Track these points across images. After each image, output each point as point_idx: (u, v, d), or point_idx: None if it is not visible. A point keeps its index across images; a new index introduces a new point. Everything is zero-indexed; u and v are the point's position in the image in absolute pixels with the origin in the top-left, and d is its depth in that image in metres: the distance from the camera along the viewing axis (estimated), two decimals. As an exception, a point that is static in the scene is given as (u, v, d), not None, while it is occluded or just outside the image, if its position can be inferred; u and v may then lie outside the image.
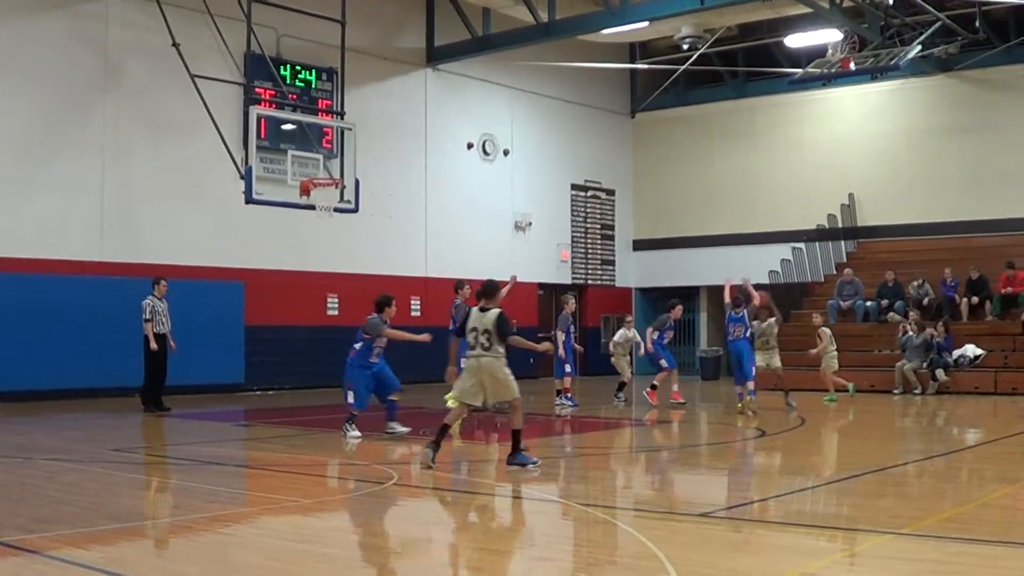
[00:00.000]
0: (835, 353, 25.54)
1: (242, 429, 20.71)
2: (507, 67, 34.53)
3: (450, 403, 15.19)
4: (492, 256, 33.83)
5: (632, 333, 25.65)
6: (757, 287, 23.86)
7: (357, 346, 17.48)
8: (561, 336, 23.88)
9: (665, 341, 24.38)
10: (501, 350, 13.59)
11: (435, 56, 32.97)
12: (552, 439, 18.95)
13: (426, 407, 22.20)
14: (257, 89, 26.05)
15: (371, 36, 30.92)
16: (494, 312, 13.65)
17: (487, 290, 14.09)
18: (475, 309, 13.92)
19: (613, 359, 25.49)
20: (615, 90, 39.65)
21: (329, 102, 28.94)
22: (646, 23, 30.92)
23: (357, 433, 16.96)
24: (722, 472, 14.75)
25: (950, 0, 30.59)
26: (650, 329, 24.43)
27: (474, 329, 13.68)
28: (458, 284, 22.83)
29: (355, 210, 23.89)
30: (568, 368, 23.88)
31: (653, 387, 24.09)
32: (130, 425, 20.27)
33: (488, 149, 34.70)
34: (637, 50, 38.78)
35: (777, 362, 22.67)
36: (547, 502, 12.02)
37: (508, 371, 13.63)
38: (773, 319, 22.80)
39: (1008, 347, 27.03)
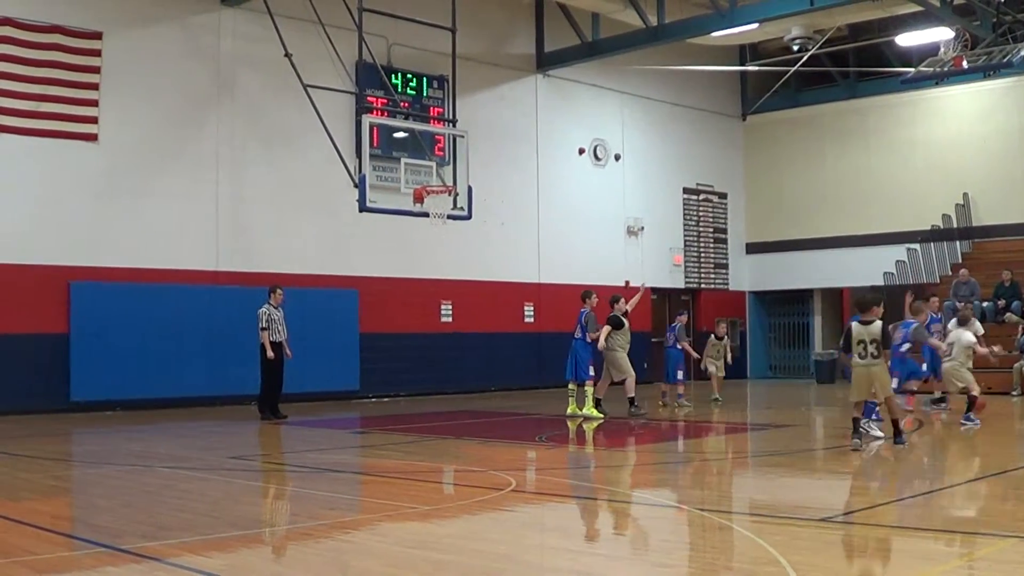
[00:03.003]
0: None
1: (358, 436, 20.84)
2: (617, 72, 34.46)
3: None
4: (605, 261, 33.85)
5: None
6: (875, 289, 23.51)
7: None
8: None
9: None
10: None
11: (545, 62, 33.01)
12: (668, 443, 18.89)
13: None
14: (369, 98, 26.21)
15: (481, 43, 31.04)
16: (878, 324, 15.45)
17: (861, 304, 15.76)
18: (856, 323, 15.66)
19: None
20: (725, 93, 39.45)
21: (440, 109, 29.07)
22: (756, 25, 30.74)
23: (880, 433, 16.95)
24: (841, 476, 14.59)
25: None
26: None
27: (861, 341, 15.41)
28: (585, 294, 23.04)
29: (468, 217, 23.95)
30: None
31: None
32: (247, 433, 20.47)
33: (599, 154, 34.68)
34: (747, 52, 38.55)
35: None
36: (664, 507, 11.96)
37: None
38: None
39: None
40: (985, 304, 30.82)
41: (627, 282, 34.10)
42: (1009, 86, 34.74)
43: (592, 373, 22.43)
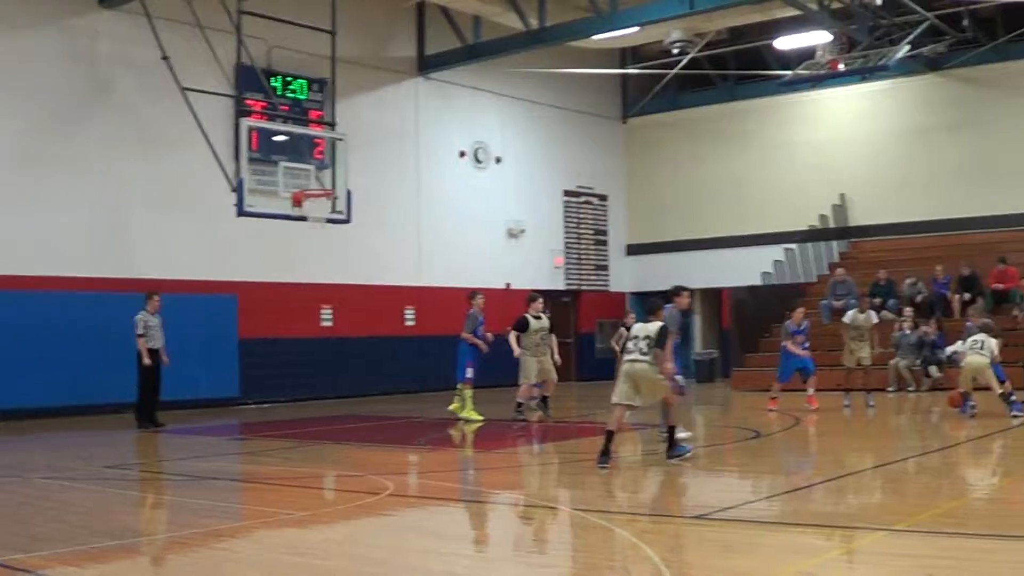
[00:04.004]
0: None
1: (237, 443, 20.65)
2: (498, 74, 34.49)
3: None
4: (486, 264, 33.87)
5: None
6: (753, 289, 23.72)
7: None
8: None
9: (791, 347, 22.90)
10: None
11: (426, 65, 32.96)
12: (548, 445, 18.94)
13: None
14: (248, 101, 25.99)
15: (362, 46, 30.88)
16: (657, 324, 14.46)
17: (651, 308, 14.97)
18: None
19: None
20: (606, 96, 39.67)
21: (321, 113, 28.87)
22: (636, 28, 30.92)
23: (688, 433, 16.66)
24: (717, 474, 14.74)
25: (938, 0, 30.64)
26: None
27: (635, 337, 14.44)
28: (472, 294, 22.70)
29: (347, 220, 23.85)
30: None
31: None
32: (124, 442, 20.24)
33: (480, 157, 34.69)
34: (628, 55, 38.77)
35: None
36: (543, 508, 12.01)
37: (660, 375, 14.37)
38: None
39: (1000, 343, 27.01)
40: (861, 303, 31.27)
41: (508, 284, 34.19)
42: (885, 88, 35.32)
43: (470, 375, 22.17)
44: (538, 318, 21.88)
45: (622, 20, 30.00)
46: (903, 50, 29.39)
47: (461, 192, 33.99)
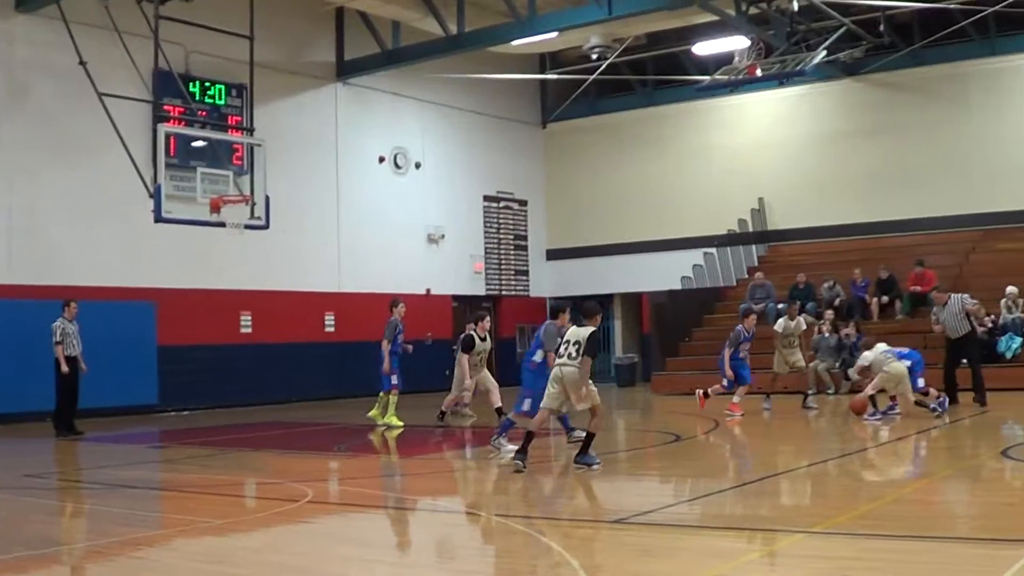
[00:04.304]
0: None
1: (156, 451, 20.55)
2: (417, 80, 34.49)
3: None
4: (406, 269, 33.87)
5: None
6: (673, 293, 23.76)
7: (537, 357, 16.67)
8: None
9: (741, 355, 22.85)
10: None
11: (345, 70, 32.90)
12: (469, 450, 18.97)
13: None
14: (166, 106, 25.90)
15: (280, 51, 30.76)
16: (588, 329, 14.34)
17: (587, 311, 14.81)
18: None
19: None
20: (526, 101, 39.77)
21: (239, 118, 28.73)
22: (555, 34, 31.06)
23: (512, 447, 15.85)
24: (637, 478, 14.83)
25: (855, 5, 30.93)
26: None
27: (567, 341, 14.39)
28: (393, 302, 22.42)
29: (266, 226, 23.76)
30: None
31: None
32: (42, 450, 20.05)
33: (399, 162, 34.65)
34: (547, 60, 38.86)
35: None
36: (463, 514, 12.04)
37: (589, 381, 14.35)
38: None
39: (918, 345, 27.21)
40: (780, 306, 31.47)
41: (428, 290, 34.21)
42: (803, 93, 35.69)
43: (394, 382, 22.07)
44: (483, 339, 21.59)
45: (541, 25, 30.12)
46: (820, 55, 29.65)
47: (381, 198, 33.92)
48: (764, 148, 36.44)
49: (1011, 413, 21.52)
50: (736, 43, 30.98)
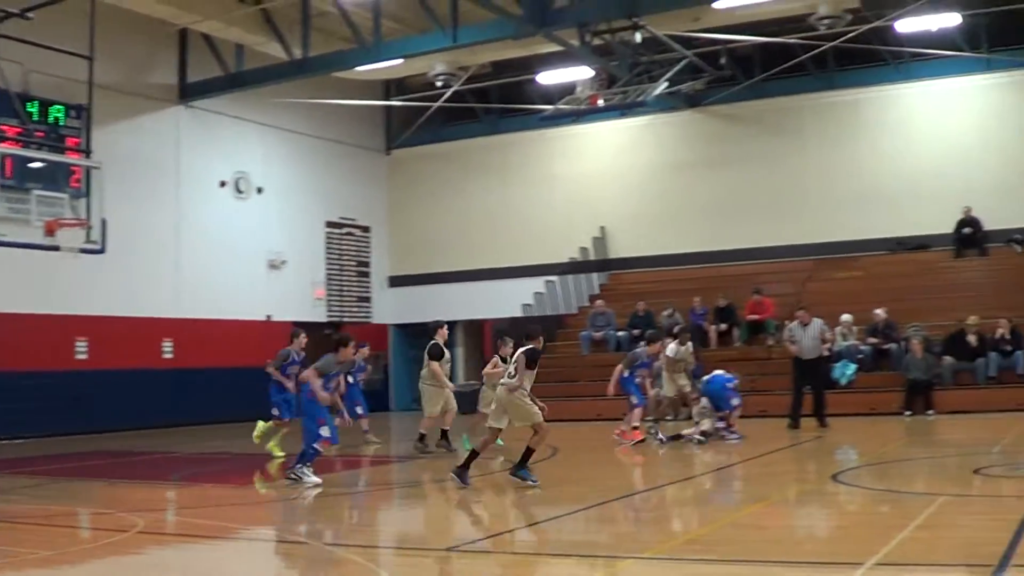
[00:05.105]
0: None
1: (-15, 479, 20.07)
2: (261, 104, 34.25)
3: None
4: (246, 295, 33.59)
5: None
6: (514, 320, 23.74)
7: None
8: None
9: (637, 379, 22.36)
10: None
11: (187, 93, 32.54)
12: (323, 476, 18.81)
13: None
14: (2, 126, 25.37)
15: (121, 72, 30.31)
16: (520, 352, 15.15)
17: (528, 333, 15.68)
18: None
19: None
20: (370, 127, 39.72)
21: (78, 140, 28.22)
22: (400, 60, 31.09)
23: (317, 479, 15.93)
24: (474, 504, 14.81)
25: (697, 38, 31.41)
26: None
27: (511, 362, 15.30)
28: (294, 332, 21.72)
29: (102, 251, 23.38)
30: None
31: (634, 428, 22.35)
32: None
33: (241, 187, 34.35)
34: (392, 87, 38.85)
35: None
36: (296, 544, 11.92)
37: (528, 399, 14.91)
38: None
39: (755, 372, 27.74)
40: (620, 334, 31.87)
41: (269, 317, 33.93)
42: (645, 124, 36.19)
43: (275, 413, 21.33)
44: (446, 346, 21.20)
45: (386, 52, 30.11)
46: (662, 87, 30.04)
47: (221, 222, 33.59)
48: (607, 177, 36.85)
49: (846, 438, 22.01)
50: (580, 73, 31.25)
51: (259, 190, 34.93)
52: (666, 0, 28.10)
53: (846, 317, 28.69)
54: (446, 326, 21.89)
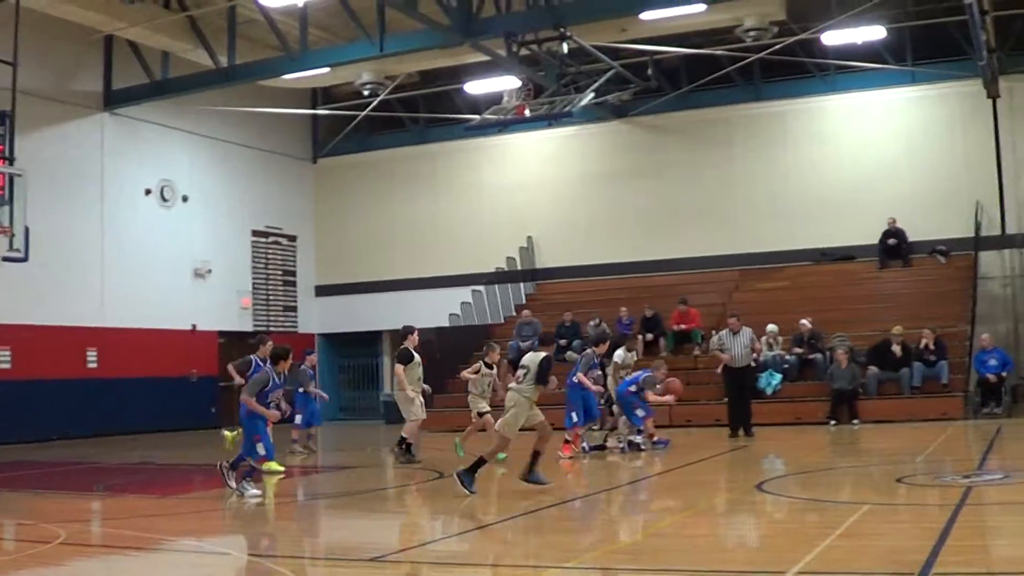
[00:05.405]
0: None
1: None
2: (187, 112, 34.00)
3: None
4: (172, 304, 33.36)
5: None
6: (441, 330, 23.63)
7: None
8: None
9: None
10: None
11: (113, 100, 32.29)
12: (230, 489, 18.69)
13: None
14: (-79, 133, 25.06)
15: (46, 78, 30.04)
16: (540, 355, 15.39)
17: (544, 339, 16.32)
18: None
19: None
20: (297, 135, 39.59)
21: (1, 147, 27.87)
22: (327, 69, 31.00)
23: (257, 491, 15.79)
24: (400, 515, 14.79)
25: (624, 48, 31.53)
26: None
27: (523, 365, 15.37)
28: (260, 339, 21.33)
29: (25, 259, 23.14)
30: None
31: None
32: None
33: (167, 195, 34.11)
34: (319, 96, 38.74)
35: None
36: (220, 555, 11.83)
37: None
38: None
39: (682, 381, 27.84)
40: (548, 345, 31.88)
41: (194, 326, 33.71)
42: (572, 134, 36.32)
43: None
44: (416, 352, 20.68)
45: (312, 61, 30.02)
46: (588, 97, 30.08)
47: (147, 231, 33.33)
48: (534, 187, 36.94)
49: (771, 448, 22.10)
50: (507, 83, 31.27)
51: (184, 198, 34.71)
52: (593, 11, 28.14)
53: (772, 327, 28.86)
54: (416, 332, 21.14)
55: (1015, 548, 10.27)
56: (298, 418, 22.90)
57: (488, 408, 20.34)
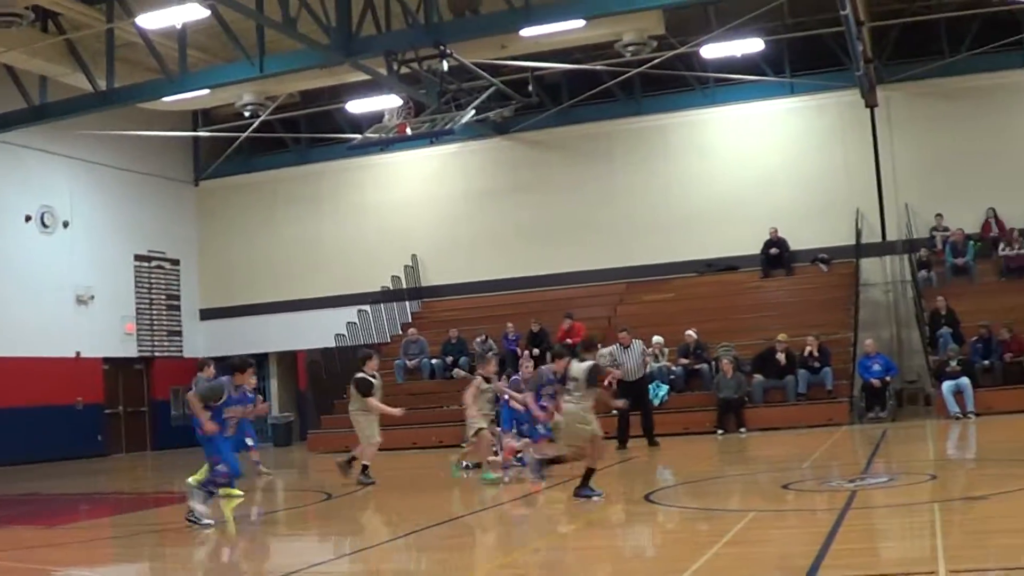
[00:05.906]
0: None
1: None
2: (67, 136, 33.58)
3: None
4: (54, 331, 32.97)
5: None
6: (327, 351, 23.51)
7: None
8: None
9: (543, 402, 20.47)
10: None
11: (-12, 126, 31.83)
12: (122, 516, 18.51)
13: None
14: None
15: (-82, 105, 29.60)
16: (588, 364, 15.25)
17: (587, 344, 16.43)
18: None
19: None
20: (178, 158, 39.29)
21: None
22: (206, 91, 30.76)
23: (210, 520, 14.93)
24: (288, 538, 14.72)
25: (505, 65, 31.66)
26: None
27: (572, 378, 15.13)
28: (201, 363, 21.30)
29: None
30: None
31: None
32: None
33: (47, 221, 33.72)
34: (199, 117, 38.46)
35: None
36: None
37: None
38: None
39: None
40: (434, 361, 31.97)
41: (78, 353, 33.30)
42: (454, 152, 36.44)
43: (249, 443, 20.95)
44: (374, 377, 19.96)
45: (192, 82, 29.72)
46: (469, 114, 30.13)
47: (26, 257, 32.93)
48: (417, 206, 37.01)
49: (660, 458, 22.39)
50: (388, 102, 31.24)
51: (66, 224, 34.34)
52: (472, 29, 28.22)
53: (657, 339, 29.10)
54: (375, 356, 20.75)
55: (900, 549, 10.46)
56: (249, 440, 22.07)
57: (485, 425, 19.91)
